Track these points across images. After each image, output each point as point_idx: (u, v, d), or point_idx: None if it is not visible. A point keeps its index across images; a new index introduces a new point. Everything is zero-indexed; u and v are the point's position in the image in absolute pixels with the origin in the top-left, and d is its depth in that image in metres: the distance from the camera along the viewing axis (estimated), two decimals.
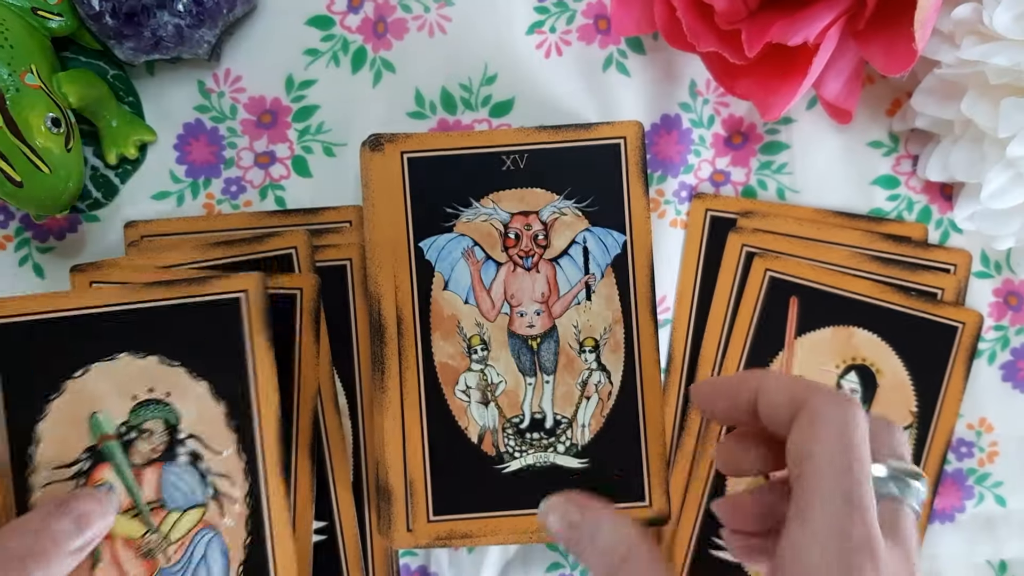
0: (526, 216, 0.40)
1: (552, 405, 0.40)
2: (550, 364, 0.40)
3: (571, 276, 0.40)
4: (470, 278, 0.40)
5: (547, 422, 0.40)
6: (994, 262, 0.46)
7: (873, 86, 0.46)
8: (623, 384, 0.40)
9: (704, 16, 0.40)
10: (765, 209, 0.45)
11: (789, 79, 0.39)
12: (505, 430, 0.40)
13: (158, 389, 0.38)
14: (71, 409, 0.37)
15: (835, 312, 0.44)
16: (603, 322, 0.40)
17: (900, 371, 0.45)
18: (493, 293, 0.40)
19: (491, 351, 0.40)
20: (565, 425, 0.40)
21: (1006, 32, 0.37)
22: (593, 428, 0.40)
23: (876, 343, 0.44)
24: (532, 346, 0.40)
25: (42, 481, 0.37)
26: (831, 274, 0.44)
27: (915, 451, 0.45)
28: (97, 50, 0.44)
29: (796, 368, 0.44)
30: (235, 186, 0.45)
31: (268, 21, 0.45)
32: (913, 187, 0.46)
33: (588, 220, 0.40)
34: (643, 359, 0.40)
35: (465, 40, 0.45)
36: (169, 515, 0.38)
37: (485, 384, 0.40)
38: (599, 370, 0.40)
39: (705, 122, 0.46)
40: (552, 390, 0.40)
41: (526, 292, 0.40)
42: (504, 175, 0.40)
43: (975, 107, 0.40)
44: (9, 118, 0.38)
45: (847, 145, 0.46)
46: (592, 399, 0.40)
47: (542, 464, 0.40)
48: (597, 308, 0.40)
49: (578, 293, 0.40)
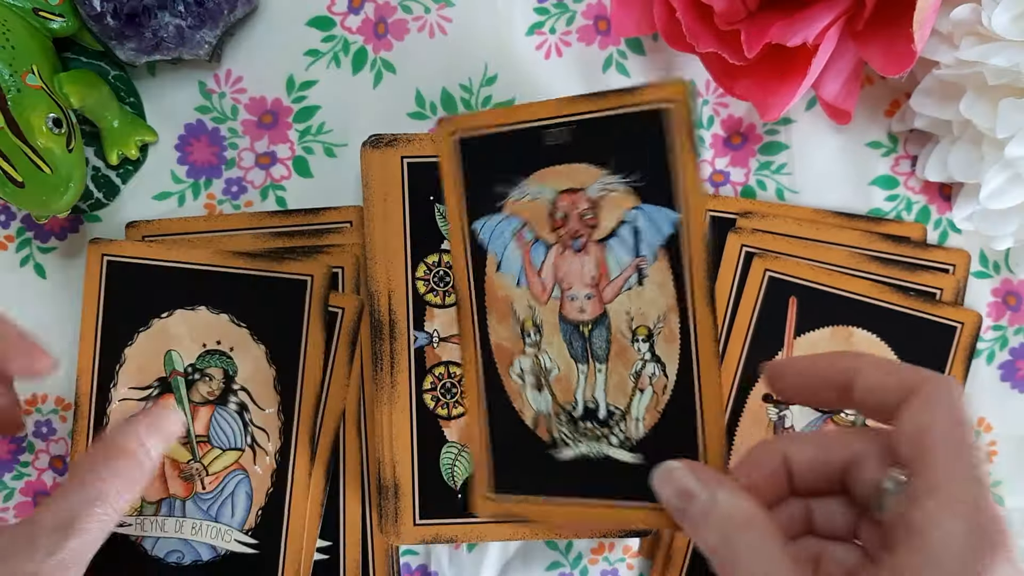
0: (573, 194, 0.37)
1: (605, 395, 0.37)
2: (602, 352, 0.37)
3: (621, 259, 0.36)
4: (521, 260, 0.38)
5: (600, 412, 0.37)
6: (992, 262, 0.46)
7: (872, 87, 0.46)
8: (679, 378, 0.36)
9: (703, 17, 0.40)
10: (764, 209, 0.45)
11: (788, 80, 0.39)
12: (559, 417, 0.38)
13: (224, 343, 0.43)
14: (153, 343, 0.44)
15: (834, 312, 0.44)
16: (656, 310, 0.36)
17: None
18: (544, 275, 0.38)
19: (544, 335, 0.38)
20: (619, 417, 0.37)
21: (1004, 33, 0.38)
22: (648, 423, 0.37)
23: (875, 343, 0.44)
24: (584, 332, 0.37)
25: (119, 396, 0.44)
26: (830, 274, 0.44)
27: None
28: (98, 51, 0.44)
29: None
30: (236, 186, 0.45)
31: (269, 22, 0.45)
32: (912, 187, 0.46)
33: (638, 197, 0.36)
34: (700, 352, 0.36)
35: (465, 41, 0.45)
36: (212, 451, 0.43)
37: (539, 369, 0.38)
38: (653, 361, 0.36)
39: (704, 122, 0.46)
40: (605, 379, 0.37)
41: (576, 275, 0.37)
42: (548, 151, 0.37)
43: (973, 108, 0.40)
44: (11, 118, 0.38)
45: (846, 145, 0.46)
46: (646, 392, 0.37)
47: (596, 455, 0.37)
48: (650, 294, 0.36)
49: (628, 277, 0.36)
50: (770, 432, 0.45)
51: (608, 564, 0.47)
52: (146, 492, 0.44)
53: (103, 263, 0.43)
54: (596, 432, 0.37)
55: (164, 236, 0.44)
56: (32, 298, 0.45)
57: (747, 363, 0.45)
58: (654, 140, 0.35)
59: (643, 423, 0.37)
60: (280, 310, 0.43)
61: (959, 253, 0.45)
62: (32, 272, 0.45)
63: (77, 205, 0.44)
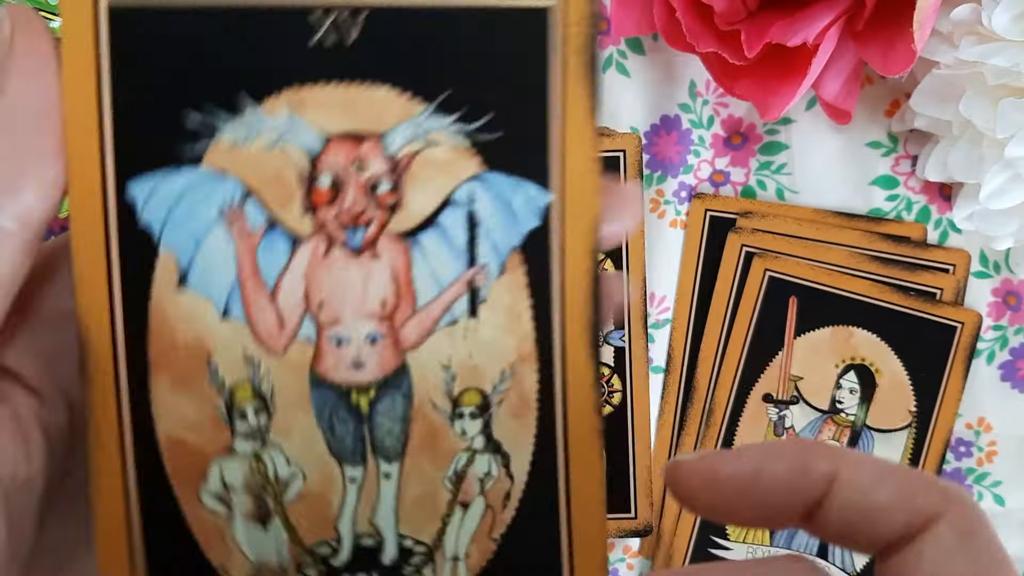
0: (357, 142, 0.19)
1: (395, 521, 0.21)
2: (393, 441, 0.20)
3: (441, 269, 0.20)
4: (235, 265, 0.20)
5: (385, 553, 0.21)
6: (993, 262, 0.46)
7: (872, 86, 0.46)
8: (532, 479, 0.21)
9: (704, 17, 0.40)
10: (764, 209, 0.45)
11: (788, 80, 0.39)
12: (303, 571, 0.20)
13: None
14: None
15: (834, 312, 0.44)
16: (499, 360, 0.20)
17: (899, 371, 0.45)
18: (282, 297, 0.20)
19: (275, 415, 0.20)
20: (420, 560, 0.21)
21: (1005, 33, 0.37)
22: (474, 563, 0.21)
23: (875, 343, 0.44)
24: (359, 406, 0.20)
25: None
26: (830, 274, 0.44)
27: (914, 451, 0.45)
28: None
29: (795, 368, 0.45)
30: None
31: None
32: (912, 187, 0.46)
33: (482, 158, 0.20)
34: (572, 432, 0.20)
35: None
36: None
37: (262, 481, 0.20)
38: (488, 452, 0.21)
39: (705, 123, 0.46)
40: (396, 491, 0.20)
41: (350, 298, 0.20)
42: (316, 55, 0.19)
43: (973, 108, 0.40)
44: None
45: (846, 145, 0.46)
46: (473, 507, 0.21)
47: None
48: (489, 332, 0.20)
49: (452, 302, 0.20)
50: (770, 432, 0.45)
51: (608, 564, 0.47)
52: None
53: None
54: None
55: None
56: None
57: (747, 364, 0.45)
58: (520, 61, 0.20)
59: (466, 565, 0.21)
60: None
61: (959, 253, 0.45)
62: None
63: None
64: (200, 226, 0.19)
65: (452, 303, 0.20)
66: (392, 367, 0.20)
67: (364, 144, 0.20)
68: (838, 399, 0.45)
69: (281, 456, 0.20)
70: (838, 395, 0.45)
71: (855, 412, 0.45)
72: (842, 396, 0.45)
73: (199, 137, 0.19)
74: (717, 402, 0.45)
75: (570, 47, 0.20)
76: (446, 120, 0.20)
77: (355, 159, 0.20)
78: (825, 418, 0.45)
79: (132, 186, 0.19)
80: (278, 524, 0.20)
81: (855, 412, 0.45)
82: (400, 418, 0.20)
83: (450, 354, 0.20)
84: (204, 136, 0.19)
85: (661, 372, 0.46)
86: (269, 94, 0.19)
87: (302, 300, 0.20)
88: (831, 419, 0.45)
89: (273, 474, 0.20)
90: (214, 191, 0.19)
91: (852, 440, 0.45)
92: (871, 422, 0.45)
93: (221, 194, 0.19)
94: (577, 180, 0.20)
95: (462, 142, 0.20)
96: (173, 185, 0.19)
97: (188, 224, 0.19)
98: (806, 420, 0.45)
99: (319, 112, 0.19)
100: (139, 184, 0.19)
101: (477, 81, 0.20)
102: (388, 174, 0.20)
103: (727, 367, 0.45)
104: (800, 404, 0.45)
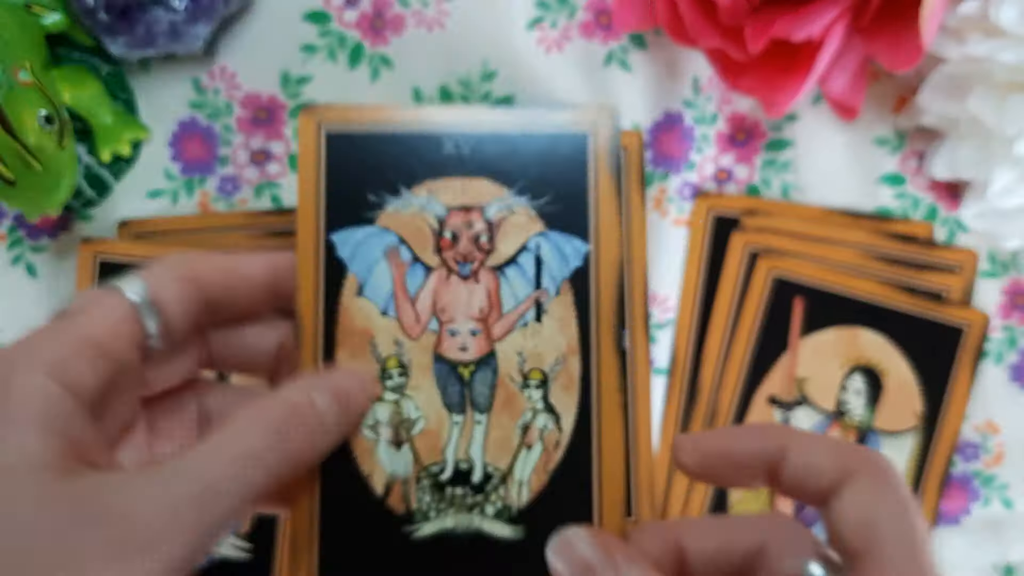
0: (467, 212, 0.32)
1: (483, 453, 0.31)
2: (484, 400, 0.32)
3: (518, 290, 0.32)
4: (391, 283, 0.32)
5: (475, 475, 0.31)
6: (1001, 261, 0.46)
7: (879, 82, 0.45)
8: (576, 433, 0.31)
9: (707, 12, 0.39)
10: (769, 208, 0.45)
11: (793, 75, 0.39)
12: (420, 481, 0.31)
13: None
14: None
15: (840, 313, 0.44)
16: (555, 351, 0.32)
17: (906, 373, 0.44)
18: (419, 304, 0.32)
19: (410, 378, 0.31)
20: (497, 480, 0.31)
21: (1013, 28, 0.37)
22: (534, 487, 0.31)
23: (882, 344, 0.44)
24: (463, 375, 0.32)
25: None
26: (836, 274, 0.44)
27: (920, 454, 0.45)
28: (91, 47, 0.43)
29: (801, 370, 0.44)
30: (230, 184, 0.44)
31: (264, 16, 0.44)
32: (919, 185, 0.45)
33: (544, 223, 0.32)
34: (603, 405, 0.31)
35: (464, 36, 0.44)
36: None
37: (399, 420, 0.31)
38: (546, 412, 0.31)
39: (708, 119, 0.45)
40: (484, 433, 0.32)
41: (460, 306, 0.32)
42: (444, 161, 0.32)
43: (982, 104, 0.39)
44: (2, 115, 0.37)
45: (852, 142, 0.45)
46: (535, 449, 0.31)
47: (464, 530, 0.31)
48: (548, 333, 0.32)
49: (525, 312, 0.32)
50: None
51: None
52: None
53: (96, 264, 0.42)
54: (468, 501, 0.31)
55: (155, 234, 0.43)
56: (23, 298, 0.44)
57: (752, 366, 0.44)
58: (570, 164, 0.32)
59: (528, 487, 0.31)
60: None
61: (967, 253, 0.45)
62: (23, 271, 0.44)
63: (69, 203, 0.44)
64: (372, 260, 0.32)
65: (525, 312, 0.32)
66: (485, 351, 0.32)
67: (471, 213, 0.32)
68: (844, 401, 0.44)
69: (412, 404, 0.31)
70: (844, 397, 0.44)
71: (861, 414, 0.44)
72: (848, 398, 0.44)
73: (374, 208, 0.32)
74: (721, 404, 0.44)
75: (599, 155, 0.32)
76: (522, 199, 0.32)
77: (466, 221, 0.32)
78: (831, 420, 0.44)
79: (333, 235, 0.31)
80: (407, 449, 0.31)
81: (861, 414, 0.44)
82: (489, 385, 0.31)
83: (523, 345, 0.31)
84: (377, 208, 0.32)
85: (664, 373, 0.45)
86: (416, 183, 0.32)
87: (431, 306, 0.32)
88: (837, 421, 0.44)
89: (406, 415, 0.31)
90: (381, 240, 0.32)
91: (859, 442, 0.45)
92: (878, 424, 0.44)
93: (385, 241, 0.32)
94: (605, 236, 0.32)
95: (532, 212, 0.32)
96: (357, 235, 0.32)
97: (365, 258, 0.32)
98: (811, 422, 0.44)
99: (445, 194, 0.32)
100: (337, 234, 0.32)
101: (541, 175, 0.32)
102: (486, 231, 0.32)
103: (731, 368, 0.44)
104: (806, 406, 0.44)
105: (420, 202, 0.32)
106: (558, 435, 0.31)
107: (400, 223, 0.32)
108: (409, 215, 0.32)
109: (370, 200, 0.32)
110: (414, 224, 0.32)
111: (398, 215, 0.32)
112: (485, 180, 0.32)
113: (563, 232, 0.32)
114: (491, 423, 0.32)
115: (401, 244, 0.32)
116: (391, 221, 0.32)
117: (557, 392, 0.32)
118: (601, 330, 0.32)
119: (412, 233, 0.32)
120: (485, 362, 0.32)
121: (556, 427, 0.31)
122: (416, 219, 0.32)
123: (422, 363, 0.32)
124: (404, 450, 0.31)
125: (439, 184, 0.32)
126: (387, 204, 0.32)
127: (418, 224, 0.32)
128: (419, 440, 0.31)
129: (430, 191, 0.32)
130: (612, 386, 0.31)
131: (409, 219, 0.32)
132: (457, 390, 0.32)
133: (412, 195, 0.32)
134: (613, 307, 0.32)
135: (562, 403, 0.32)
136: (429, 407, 0.31)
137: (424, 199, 0.32)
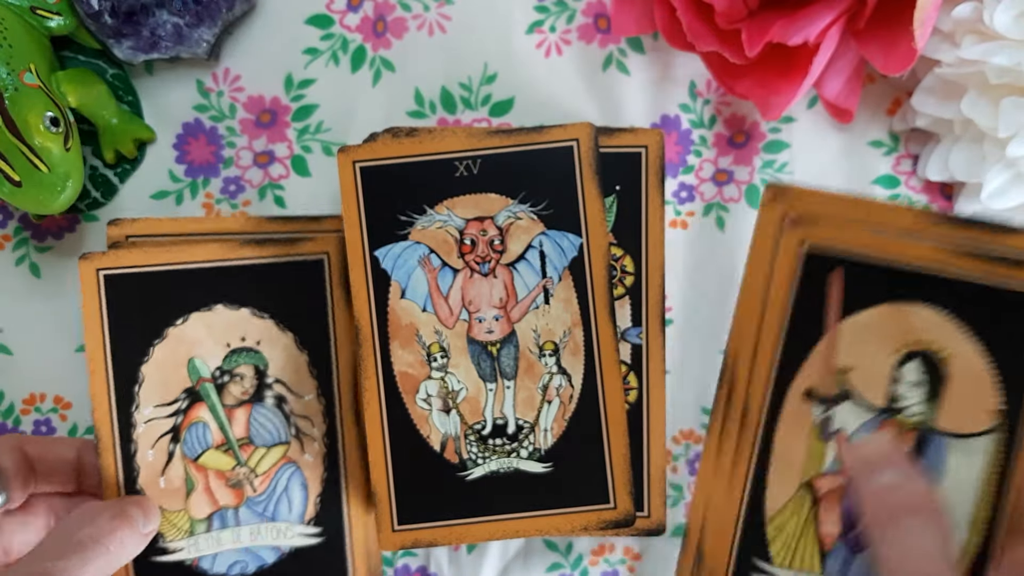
0: (481, 222, 0.40)
1: (514, 410, 0.40)
2: (510, 369, 0.40)
3: (528, 280, 0.40)
4: (427, 286, 0.40)
5: (509, 427, 0.40)
6: None
7: (873, 85, 0.46)
8: (584, 387, 0.40)
9: (704, 16, 0.40)
10: None
11: (790, 79, 0.39)
12: (467, 437, 0.40)
13: (249, 338, 0.42)
14: (173, 354, 0.42)
15: (889, 286, 0.36)
16: (562, 325, 0.40)
17: (975, 358, 0.35)
18: (451, 300, 0.40)
19: (451, 358, 0.40)
20: (527, 430, 0.40)
21: (1006, 32, 0.37)
22: (556, 432, 0.40)
23: (941, 323, 0.35)
24: (492, 352, 0.40)
25: (145, 417, 0.41)
26: (881, 240, 0.35)
27: (999, 462, 0.35)
28: (96, 49, 0.44)
29: (842, 358, 0.36)
30: (234, 185, 0.45)
31: (267, 20, 0.44)
32: (913, 187, 0.46)
33: (544, 224, 0.40)
34: (603, 361, 0.40)
35: (465, 39, 0.45)
36: (256, 451, 0.42)
37: (446, 391, 0.40)
38: (559, 373, 0.40)
39: (706, 122, 0.46)
40: (513, 395, 0.40)
41: (484, 298, 0.40)
42: (457, 181, 0.40)
43: (975, 107, 0.40)
44: (8, 117, 0.38)
45: (847, 144, 0.46)
46: (554, 403, 0.40)
47: (505, 470, 0.40)
48: (555, 312, 0.40)
49: (536, 297, 0.40)
50: (814, 436, 0.37)
51: (608, 565, 0.47)
52: (193, 510, 0.42)
53: (99, 280, 0.41)
54: (506, 448, 0.40)
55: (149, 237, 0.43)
56: (28, 299, 0.45)
57: (784, 354, 0.37)
58: (560, 173, 0.40)
59: (551, 433, 0.40)
60: (301, 293, 0.42)
61: None
62: (28, 272, 0.45)
63: (74, 204, 0.44)
64: (410, 268, 0.40)
65: (535, 297, 0.40)
66: (507, 332, 0.40)
67: (485, 222, 0.40)
68: (897, 395, 0.36)
69: (455, 379, 0.40)
70: (897, 390, 0.36)
71: (920, 411, 0.36)
72: (902, 391, 0.36)
73: (405, 227, 0.40)
74: (752, 399, 0.37)
75: (585, 161, 0.40)
76: (524, 206, 0.40)
77: (481, 229, 0.40)
78: (882, 418, 0.36)
79: (376, 252, 0.40)
80: (454, 414, 0.40)
81: (920, 411, 0.36)
82: (513, 357, 0.40)
83: (536, 323, 0.40)
84: (408, 226, 0.40)
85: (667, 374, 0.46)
86: (437, 202, 0.40)
87: (460, 300, 0.40)
88: (889, 420, 0.36)
89: (451, 387, 0.40)
90: (415, 251, 0.40)
91: (918, 446, 0.36)
92: (941, 424, 0.36)
93: (418, 252, 0.40)
94: (594, 229, 0.40)
95: (533, 216, 0.40)
96: (395, 250, 0.40)
97: (404, 267, 0.40)
98: (858, 421, 0.36)
99: (461, 208, 0.40)
100: (380, 250, 0.40)
101: (539, 184, 0.40)
102: (498, 235, 0.40)
103: (760, 357, 0.37)
104: (850, 401, 0.36)
105: (442, 217, 0.40)
106: (571, 390, 0.40)
107: (428, 236, 0.40)
108: (435, 229, 0.40)
109: (402, 220, 0.40)
110: (440, 236, 0.40)
111: (426, 230, 0.40)
112: (493, 194, 0.40)
113: (560, 230, 0.40)
114: (518, 386, 0.40)
115: (431, 253, 0.40)
116: (421, 235, 0.40)
117: (567, 357, 0.40)
118: (597, 305, 0.40)
119: (439, 243, 0.40)
120: (508, 340, 0.40)
121: (569, 384, 0.40)
122: (441, 231, 0.40)
123: (458, 346, 0.40)
124: (452, 415, 0.40)
125: (456, 201, 0.40)
126: (416, 222, 0.40)
127: (443, 235, 0.40)
128: (463, 405, 0.40)
129: (449, 207, 0.40)
130: (609, 347, 0.40)
131: (435, 232, 0.40)
132: (488, 364, 0.40)
133: (435, 212, 0.40)
134: (605, 286, 0.40)
135: (571, 365, 0.40)
136: (468, 379, 0.40)
137: (445, 215, 0.40)
